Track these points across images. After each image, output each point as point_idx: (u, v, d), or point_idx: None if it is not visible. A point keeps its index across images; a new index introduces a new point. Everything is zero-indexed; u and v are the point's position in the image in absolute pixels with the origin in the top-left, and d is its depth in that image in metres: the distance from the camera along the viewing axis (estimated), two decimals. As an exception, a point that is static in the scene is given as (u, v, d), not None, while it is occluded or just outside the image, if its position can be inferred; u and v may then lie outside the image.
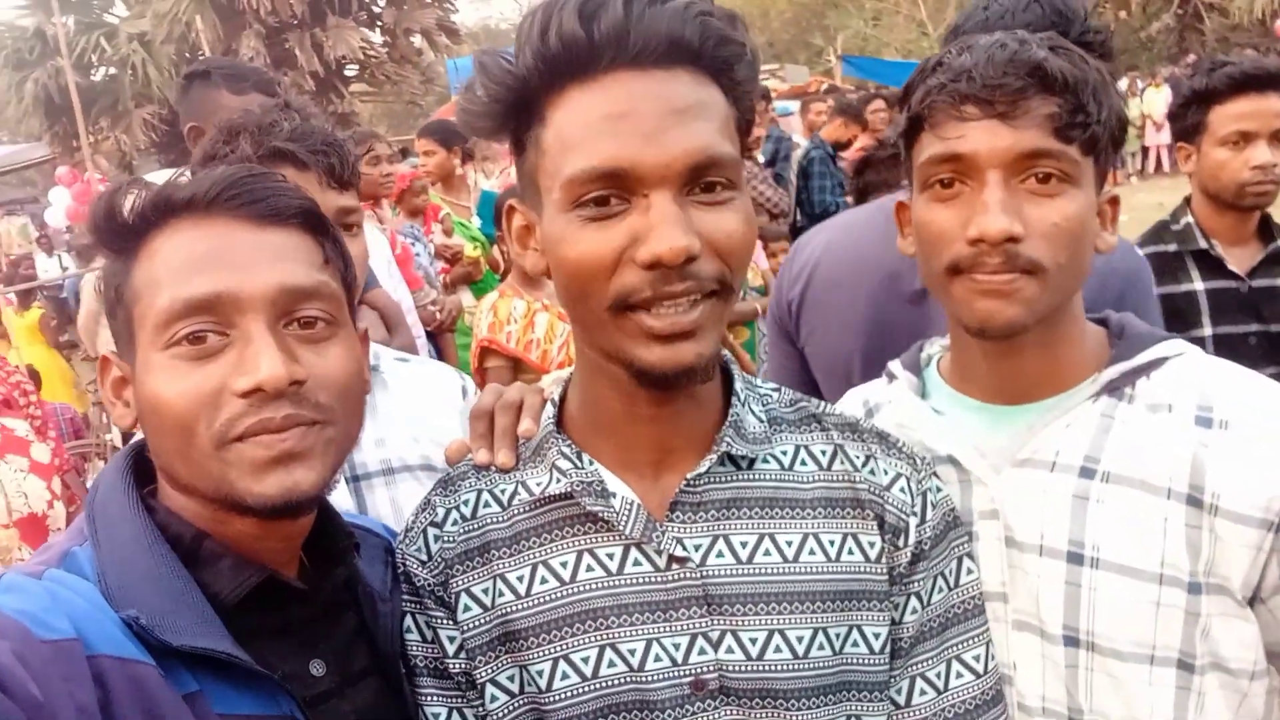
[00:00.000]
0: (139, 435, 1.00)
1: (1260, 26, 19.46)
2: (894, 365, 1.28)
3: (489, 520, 1.06)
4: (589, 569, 1.00)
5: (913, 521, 1.05)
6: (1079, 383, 1.13)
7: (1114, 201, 1.14)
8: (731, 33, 0.92)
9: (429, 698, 1.05)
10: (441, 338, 4.35)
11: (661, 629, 0.99)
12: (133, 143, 20.36)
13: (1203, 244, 2.35)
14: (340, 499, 1.44)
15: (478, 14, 38.27)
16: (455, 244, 4.73)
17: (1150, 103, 16.69)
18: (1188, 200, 2.45)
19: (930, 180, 1.09)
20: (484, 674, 1.02)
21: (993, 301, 1.05)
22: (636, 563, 1.00)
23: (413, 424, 1.53)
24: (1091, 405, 1.11)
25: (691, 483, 1.00)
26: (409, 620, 1.07)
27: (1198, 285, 2.34)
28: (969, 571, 1.10)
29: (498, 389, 1.18)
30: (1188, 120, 2.35)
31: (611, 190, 0.89)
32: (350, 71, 22.07)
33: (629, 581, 1.00)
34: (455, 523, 1.07)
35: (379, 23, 22.26)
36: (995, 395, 1.17)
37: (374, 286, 2.72)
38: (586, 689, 0.99)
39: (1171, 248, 2.40)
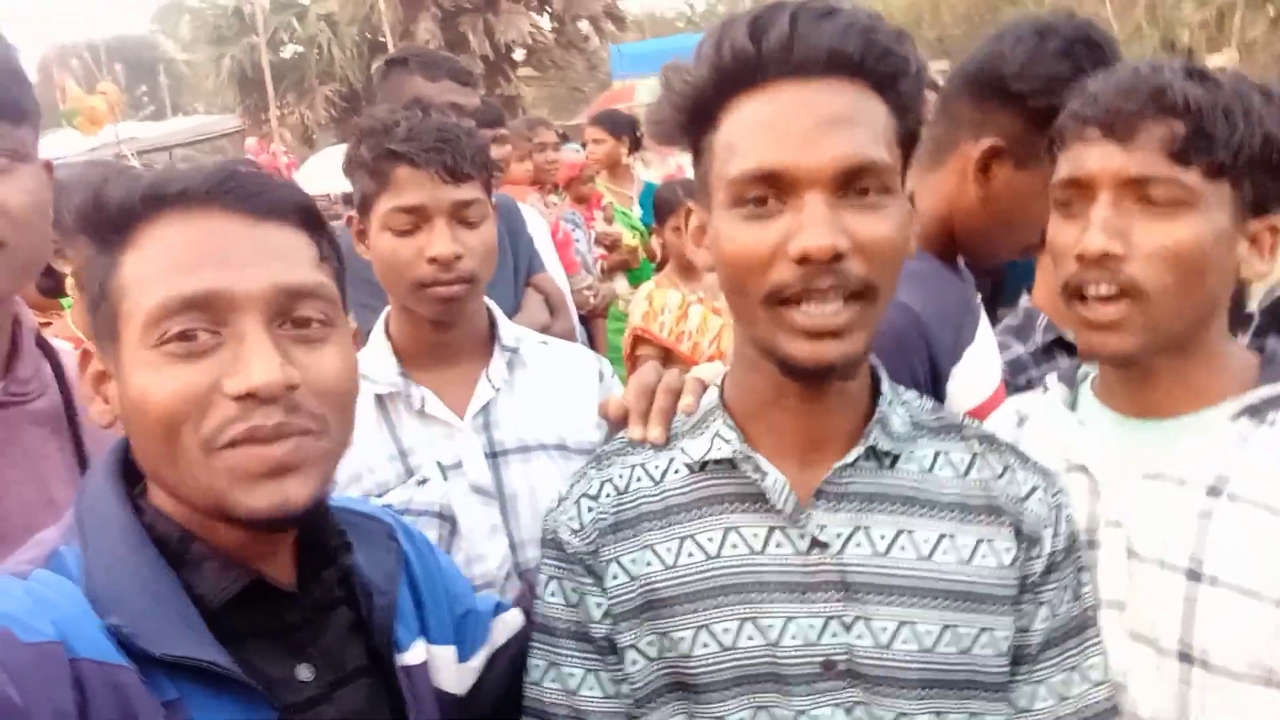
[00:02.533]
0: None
1: None
2: (1050, 378, 1.30)
3: (641, 494, 1.11)
4: (734, 546, 1.05)
5: (1047, 533, 1.08)
6: (1218, 402, 1.12)
7: (1274, 229, 1.11)
8: (895, 47, 0.96)
9: (568, 658, 1.11)
10: (593, 322, 4.45)
11: (798, 609, 1.03)
12: (315, 118, 21.58)
13: None
14: (478, 475, 1.52)
15: (643, 2, 38.58)
16: (614, 232, 4.82)
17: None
18: None
19: (1059, 200, 1.14)
20: (626, 639, 1.08)
21: (1098, 334, 1.10)
22: (779, 544, 1.04)
23: (550, 404, 1.58)
24: (1230, 425, 1.10)
25: (838, 472, 1.04)
26: (553, 585, 1.13)
27: None
28: (1086, 584, 1.12)
29: (659, 368, 1.23)
30: None
31: (769, 191, 0.95)
32: (518, 56, 22.68)
33: (771, 561, 1.04)
34: (609, 495, 1.12)
35: (548, 8, 22.77)
36: (1131, 408, 1.18)
37: (540, 270, 2.82)
38: (725, 658, 1.04)
39: None
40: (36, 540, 0.92)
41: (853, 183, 0.94)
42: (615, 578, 1.09)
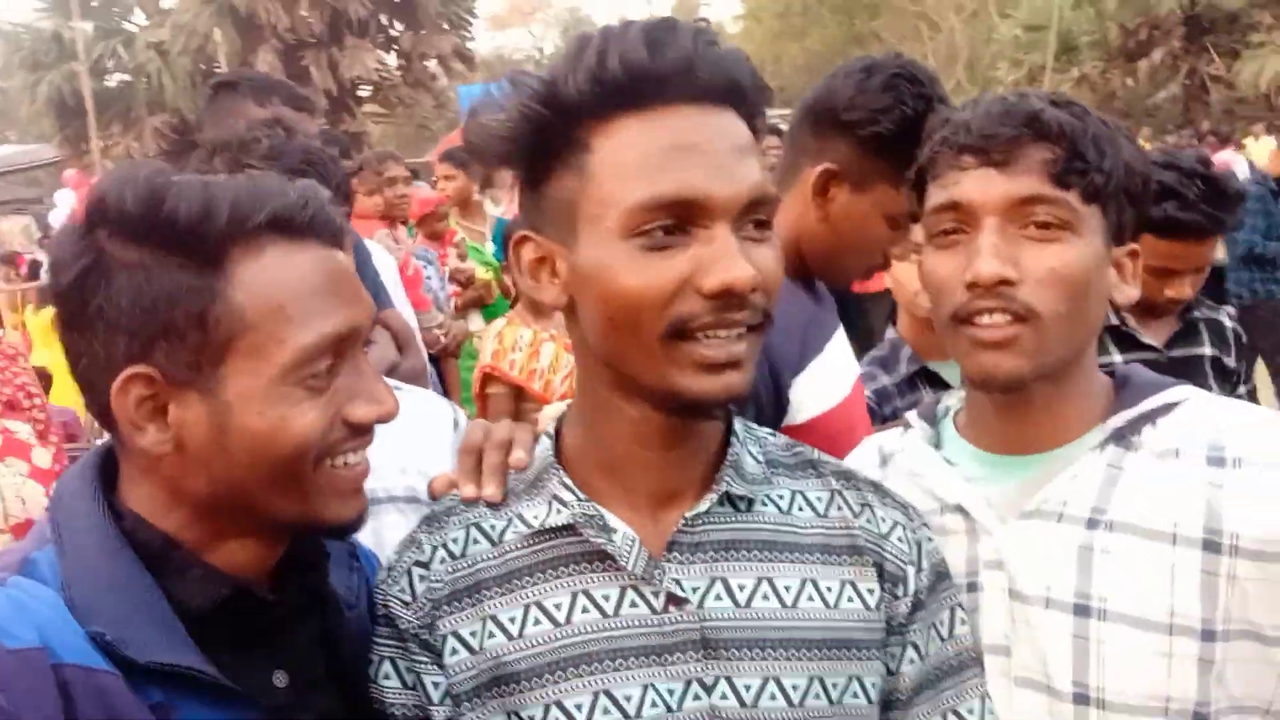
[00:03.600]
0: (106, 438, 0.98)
1: (1265, 100, 19.68)
2: (910, 415, 1.28)
3: (479, 558, 1.01)
4: (584, 610, 0.97)
5: (911, 570, 1.03)
6: (1085, 433, 1.12)
7: (1134, 254, 1.14)
8: (764, 83, 0.96)
9: None
10: (444, 361, 4.34)
11: (657, 674, 0.96)
12: (143, 149, 20.45)
13: (1113, 320, 2.28)
14: None
15: (492, 42, 38.75)
16: (467, 268, 4.74)
17: (1154, 169, 16.85)
18: None
19: (934, 230, 1.12)
20: None
21: (992, 354, 1.06)
22: (633, 604, 0.97)
23: (401, 454, 1.48)
24: (1098, 455, 1.10)
25: (690, 522, 0.98)
26: (387, 666, 1.02)
27: (1116, 357, 2.28)
28: (962, 622, 1.08)
29: (485, 425, 1.15)
30: None
31: (675, 220, 0.88)
32: (364, 92, 22.26)
33: (625, 624, 0.97)
34: (443, 561, 1.02)
35: (395, 46, 22.48)
36: (1004, 446, 1.16)
37: (388, 307, 2.70)
38: None
39: None
40: (4, 550, 0.92)
41: (753, 213, 0.91)
42: (455, 653, 0.99)
